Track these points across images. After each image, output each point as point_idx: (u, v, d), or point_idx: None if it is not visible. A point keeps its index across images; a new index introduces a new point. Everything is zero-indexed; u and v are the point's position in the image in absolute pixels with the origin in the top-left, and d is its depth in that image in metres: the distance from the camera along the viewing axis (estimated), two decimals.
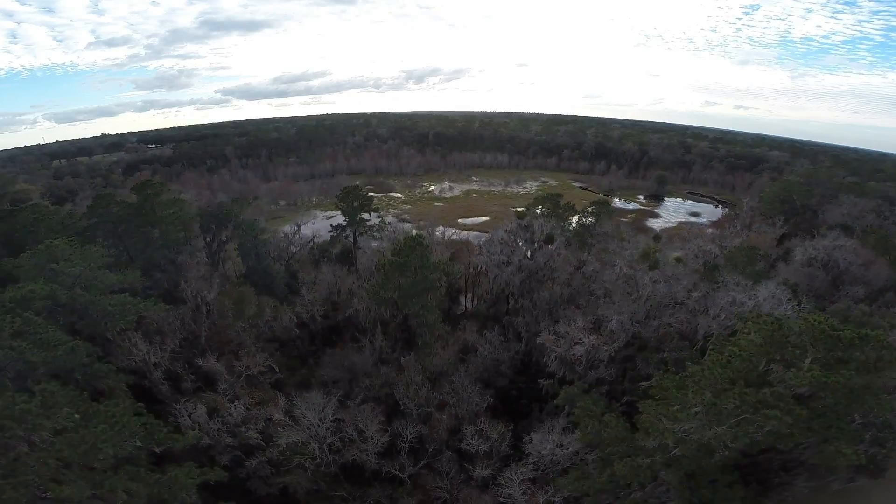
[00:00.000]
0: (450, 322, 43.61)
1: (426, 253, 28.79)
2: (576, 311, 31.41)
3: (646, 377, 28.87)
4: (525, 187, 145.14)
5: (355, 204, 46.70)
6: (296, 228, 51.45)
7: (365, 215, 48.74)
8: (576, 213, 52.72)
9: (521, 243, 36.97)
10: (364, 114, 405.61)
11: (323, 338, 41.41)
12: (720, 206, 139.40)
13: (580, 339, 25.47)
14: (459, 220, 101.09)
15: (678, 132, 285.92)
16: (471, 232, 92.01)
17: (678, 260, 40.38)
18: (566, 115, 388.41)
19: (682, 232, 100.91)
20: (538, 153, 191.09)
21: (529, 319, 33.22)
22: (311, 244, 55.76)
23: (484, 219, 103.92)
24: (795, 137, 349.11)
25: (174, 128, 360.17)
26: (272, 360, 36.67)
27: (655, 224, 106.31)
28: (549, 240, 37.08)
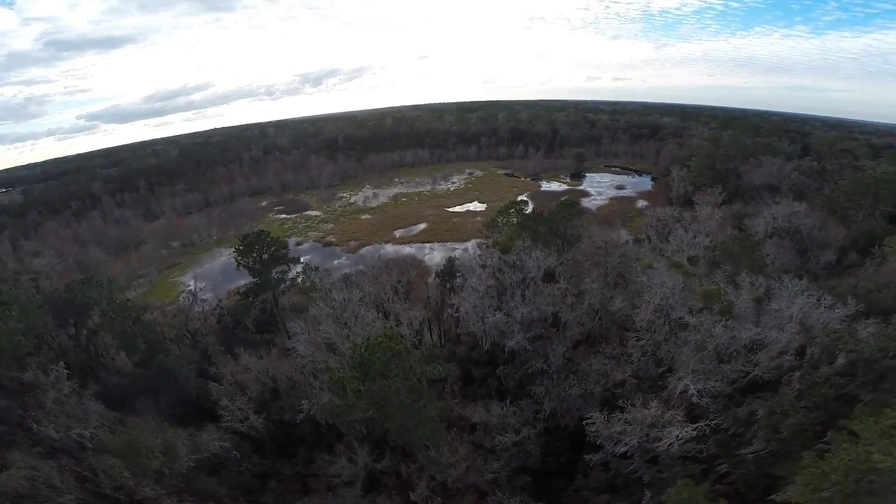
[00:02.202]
0: None
1: (411, 361, 17.98)
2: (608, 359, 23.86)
3: (743, 438, 22.03)
4: (453, 182, 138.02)
5: (265, 257, 34.07)
6: (191, 298, 37.53)
7: (283, 266, 36.38)
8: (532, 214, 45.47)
9: (509, 283, 28.20)
10: (259, 124, 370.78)
11: (276, 447, 29.50)
12: (637, 175, 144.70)
13: (658, 423, 17.76)
14: (395, 234, 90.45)
15: (574, 108, 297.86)
16: (412, 245, 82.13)
17: (692, 261, 34.77)
18: (474, 102, 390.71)
19: (615, 207, 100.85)
20: (457, 144, 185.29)
21: (548, 383, 25.13)
22: (218, 310, 42.15)
23: (421, 226, 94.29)
24: (670, 102, 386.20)
25: (27, 165, 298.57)
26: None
27: (590, 203, 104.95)
28: (550, 277, 29.01)
